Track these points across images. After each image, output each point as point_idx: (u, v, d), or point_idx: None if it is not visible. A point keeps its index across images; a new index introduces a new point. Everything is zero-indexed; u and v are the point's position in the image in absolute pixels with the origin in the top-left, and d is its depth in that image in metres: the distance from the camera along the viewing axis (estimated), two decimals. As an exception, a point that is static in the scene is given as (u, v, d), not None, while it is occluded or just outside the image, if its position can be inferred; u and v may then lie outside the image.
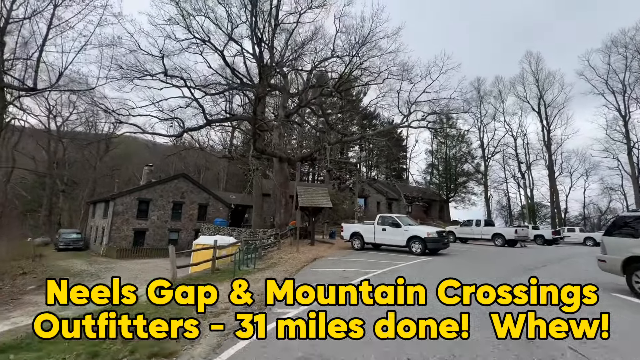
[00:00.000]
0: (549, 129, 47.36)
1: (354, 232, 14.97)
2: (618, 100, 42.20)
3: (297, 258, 12.73)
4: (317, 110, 27.26)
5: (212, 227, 27.22)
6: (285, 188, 22.29)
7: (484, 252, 15.53)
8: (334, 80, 22.62)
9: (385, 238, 13.69)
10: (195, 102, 20.07)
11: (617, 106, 42.29)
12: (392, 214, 13.98)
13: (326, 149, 20.25)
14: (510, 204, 55.34)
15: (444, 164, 47.89)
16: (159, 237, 28.33)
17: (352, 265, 10.00)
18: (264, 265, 11.21)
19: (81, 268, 18.06)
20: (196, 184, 31.78)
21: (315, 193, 18.32)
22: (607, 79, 42.59)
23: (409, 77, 19.90)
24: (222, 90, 21.57)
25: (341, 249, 15.34)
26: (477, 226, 20.97)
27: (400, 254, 13.19)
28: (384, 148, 26.77)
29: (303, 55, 24.70)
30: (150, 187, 28.75)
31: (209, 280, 8.38)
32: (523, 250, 17.46)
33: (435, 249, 12.55)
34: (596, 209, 52.48)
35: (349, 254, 13.30)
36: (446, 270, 9.07)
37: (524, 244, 20.14)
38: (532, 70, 48.23)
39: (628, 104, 41.50)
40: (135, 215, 27.42)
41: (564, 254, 16.17)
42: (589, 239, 27.59)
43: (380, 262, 10.77)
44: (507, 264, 11.12)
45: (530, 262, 11.81)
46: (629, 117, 41.51)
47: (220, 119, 21.61)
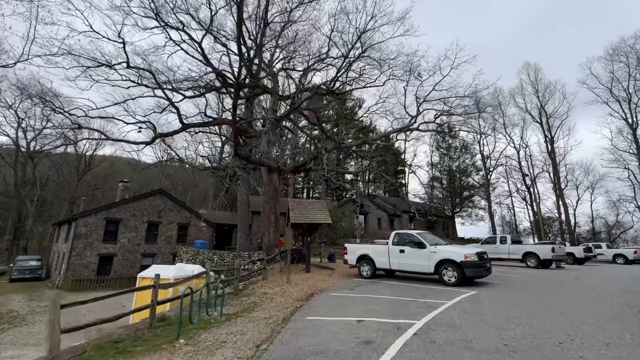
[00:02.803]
0: (552, 140, 45.44)
1: (361, 255, 11.62)
2: (624, 109, 40.60)
3: (287, 293, 9.28)
4: (311, 117, 24.45)
5: (192, 250, 23.50)
6: (275, 203, 18.98)
7: (529, 277, 12.23)
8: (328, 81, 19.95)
9: (404, 263, 10.36)
10: (168, 102, 17.10)
11: (624, 115, 40.64)
12: (412, 231, 10.75)
13: (323, 155, 17.22)
14: (516, 219, 52.67)
15: (448, 177, 45.14)
16: (129, 263, 24.40)
17: (367, 309, 6.64)
18: (238, 308, 7.74)
19: (11, 307, 14.11)
20: (176, 201, 28.20)
21: (311, 207, 15.05)
22: (611, 87, 41.20)
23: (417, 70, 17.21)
24: (200, 88, 18.66)
25: (345, 277, 11.91)
26: (503, 244, 17.75)
27: (425, 283, 9.84)
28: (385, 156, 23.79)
29: (295, 58, 22.22)
30: (121, 205, 25.10)
31: (133, 346, 4.94)
32: (571, 273, 14.20)
33: (475, 276, 9.25)
34: (604, 223, 49.78)
35: (357, 286, 9.90)
36: (525, 316, 5.78)
37: (560, 265, 16.91)
38: (531, 81, 46.97)
39: (635, 112, 39.86)
40: (102, 237, 23.59)
41: (633, 274, 13.02)
42: (619, 257, 24.51)
43: (407, 300, 7.41)
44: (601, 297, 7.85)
45: (617, 287, 8.58)
46: (637, 126, 39.73)
47: (198, 123, 18.57)
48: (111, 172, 55.80)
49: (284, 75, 25.12)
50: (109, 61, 15.01)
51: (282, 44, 21.94)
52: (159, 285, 5.98)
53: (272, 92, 20.62)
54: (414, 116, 18.38)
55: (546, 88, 45.86)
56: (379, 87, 21.88)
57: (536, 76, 46.64)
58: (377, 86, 20.83)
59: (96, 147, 52.83)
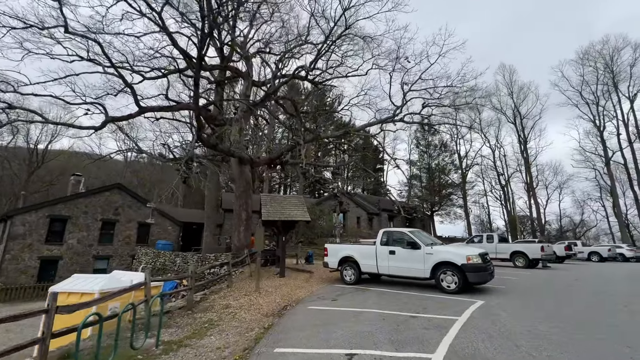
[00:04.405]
0: (526, 141, 46.42)
1: (344, 258, 10.01)
2: (592, 111, 42.05)
3: (255, 306, 7.50)
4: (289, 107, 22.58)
5: (152, 252, 20.96)
6: (247, 199, 17.00)
7: (527, 279, 11.20)
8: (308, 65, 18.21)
9: (395, 266, 8.86)
10: (122, 82, 14.64)
11: (592, 117, 42.11)
12: (404, 229, 9.28)
13: (301, 145, 15.49)
14: (491, 218, 53.58)
15: (427, 175, 44.82)
16: (79, 266, 21.37)
17: (358, 331, 5.01)
18: (187, 331, 5.85)
19: None
20: (136, 198, 25.31)
21: (287, 202, 13.28)
22: (581, 90, 42.57)
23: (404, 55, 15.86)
24: (163, 69, 16.36)
25: (325, 283, 10.26)
26: (490, 242, 16.89)
27: (419, 289, 8.40)
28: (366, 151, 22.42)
29: (272, 42, 20.30)
30: (70, 201, 21.97)
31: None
32: (564, 273, 13.40)
33: (479, 282, 7.91)
34: (570, 222, 51.78)
35: (340, 295, 8.28)
36: (565, 337, 4.40)
37: (546, 264, 16.25)
38: (506, 82, 47.75)
39: (603, 115, 41.38)
40: (44, 238, 20.43)
41: (624, 272, 12.36)
42: (594, 254, 24.73)
43: (405, 315, 5.87)
44: (632, 304, 6.71)
45: (630, 289, 7.55)
46: (604, 128, 41.29)
47: (157, 107, 16.21)
48: (69, 166, 50.99)
49: (259, 62, 23.13)
50: (42, 21, 12.38)
51: (256, 24, 20.04)
52: (55, 310, 4.00)
53: (245, 76, 18.58)
54: (399, 106, 17.06)
55: (520, 89, 46.80)
56: (361, 79, 20.55)
57: (511, 77, 47.49)
58: (360, 76, 19.37)
59: (51, 139, 48.04)
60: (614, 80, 40.03)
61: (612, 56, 40.22)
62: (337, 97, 46.42)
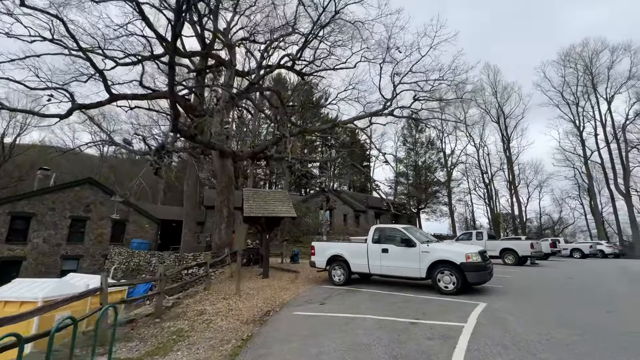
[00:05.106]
0: (509, 139, 47.18)
1: (333, 256, 9.28)
2: (573, 112, 43.09)
3: (234, 311, 6.65)
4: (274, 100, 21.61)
5: (126, 252, 19.59)
6: (229, 194, 16.03)
7: (522, 278, 10.85)
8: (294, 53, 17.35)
9: (388, 265, 8.21)
10: (91, 66, 13.34)
11: (573, 118, 43.14)
12: (398, 225, 8.65)
13: (287, 138, 14.63)
14: (474, 215, 54.34)
15: (414, 172, 44.81)
16: (45, 268, 19.74)
17: (353, 343, 4.29)
18: (149, 345, 4.95)
19: None
20: (109, 193, 23.68)
21: (271, 197, 12.43)
22: (562, 90, 43.53)
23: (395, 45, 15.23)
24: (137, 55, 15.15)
25: (312, 284, 9.51)
26: (479, 240, 16.62)
27: (413, 290, 7.79)
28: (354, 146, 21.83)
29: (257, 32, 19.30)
30: (34, 197, 20.25)
31: None
32: (555, 271, 13.20)
33: (479, 282, 7.37)
34: (549, 220, 53.17)
35: (329, 297, 7.55)
36: (590, 346, 3.81)
37: (534, 261, 16.12)
38: (490, 82, 48.37)
39: (582, 115, 42.47)
40: (4, 237, 18.69)
41: (614, 268, 12.22)
42: (576, 251, 25.13)
43: (404, 322, 5.19)
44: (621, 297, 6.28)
45: (631, 288, 7.19)
46: (583, 128, 42.40)
47: (130, 94, 15.01)
48: (40, 161, 48.00)
49: (244, 52, 22.02)
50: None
51: (239, 10, 19.00)
52: None
53: (228, 65, 17.52)
54: (389, 99, 16.49)
55: (504, 89, 47.51)
56: (349, 72, 19.91)
57: (495, 77, 48.14)
58: (349, 68, 18.74)
59: (20, 132, 45.12)
60: (593, 81, 41.13)
61: (592, 58, 41.31)
62: (325, 93, 45.74)
